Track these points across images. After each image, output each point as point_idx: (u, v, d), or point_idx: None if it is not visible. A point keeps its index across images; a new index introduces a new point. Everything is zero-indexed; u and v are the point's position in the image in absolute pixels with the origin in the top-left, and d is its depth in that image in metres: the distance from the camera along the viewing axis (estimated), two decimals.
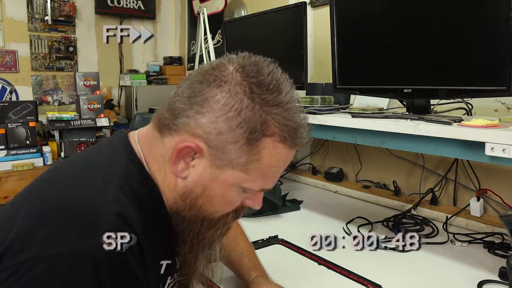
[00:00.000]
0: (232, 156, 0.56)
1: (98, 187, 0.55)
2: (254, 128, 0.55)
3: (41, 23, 2.84)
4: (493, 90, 1.03)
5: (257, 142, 0.56)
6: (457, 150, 1.03)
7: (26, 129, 2.22)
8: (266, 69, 0.59)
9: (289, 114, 0.57)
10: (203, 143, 0.56)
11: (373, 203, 1.63)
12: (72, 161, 0.66)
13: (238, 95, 0.55)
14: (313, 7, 1.98)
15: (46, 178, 0.61)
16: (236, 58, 0.60)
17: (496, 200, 1.34)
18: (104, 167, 0.59)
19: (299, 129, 0.58)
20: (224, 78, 0.57)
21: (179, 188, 0.60)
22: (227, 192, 0.60)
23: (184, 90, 0.59)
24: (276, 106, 0.56)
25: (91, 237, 0.50)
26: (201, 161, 0.58)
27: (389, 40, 1.26)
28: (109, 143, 0.65)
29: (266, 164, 0.58)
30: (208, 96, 0.56)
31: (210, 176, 0.58)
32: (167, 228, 0.64)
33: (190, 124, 0.57)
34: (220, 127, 0.55)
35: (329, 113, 1.37)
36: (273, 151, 0.57)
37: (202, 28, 2.43)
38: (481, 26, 1.03)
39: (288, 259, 1.12)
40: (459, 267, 1.07)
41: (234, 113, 0.55)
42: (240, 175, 0.58)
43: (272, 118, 0.56)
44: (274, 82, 0.58)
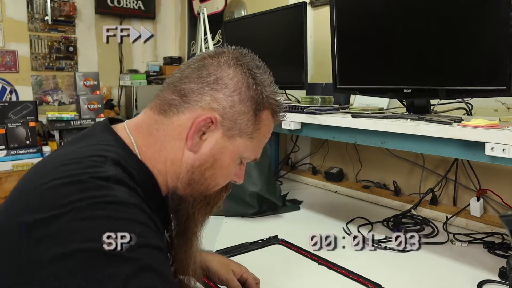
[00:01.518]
0: (242, 125, 0.66)
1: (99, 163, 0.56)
2: (258, 102, 0.67)
3: (41, 23, 2.84)
4: (493, 90, 1.03)
5: (260, 113, 0.67)
6: (457, 150, 1.03)
7: (26, 129, 2.22)
8: (253, 55, 0.70)
9: (275, 93, 0.71)
10: (219, 115, 0.64)
11: (373, 203, 1.63)
12: (59, 153, 0.63)
13: (246, 74, 0.66)
14: (313, 7, 1.98)
15: (41, 166, 0.60)
16: (227, 49, 0.69)
17: (496, 200, 1.34)
18: (97, 151, 0.59)
19: (282, 106, 0.72)
20: (228, 61, 0.66)
21: (188, 162, 0.65)
22: (231, 162, 0.68)
23: (190, 74, 0.66)
24: (267, 86, 0.69)
25: (114, 193, 0.52)
26: (213, 133, 0.65)
27: (389, 40, 1.26)
28: (91, 136, 0.65)
29: (263, 134, 0.70)
30: (222, 75, 0.65)
31: (221, 146, 0.66)
32: (160, 211, 0.66)
33: (206, 100, 0.64)
34: (234, 100, 0.65)
35: (329, 113, 1.37)
36: (268, 122, 0.70)
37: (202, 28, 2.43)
38: (481, 26, 1.03)
39: (288, 259, 1.12)
40: (459, 267, 1.07)
41: (245, 89, 0.65)
42: (246, 143, 0.67)
43: (267, 95, 0.68)
44: (262, 67, 0.70)
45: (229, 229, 1.33)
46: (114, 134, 0.64)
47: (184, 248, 0.71)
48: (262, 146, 0.72)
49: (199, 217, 0.70)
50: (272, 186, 1.51)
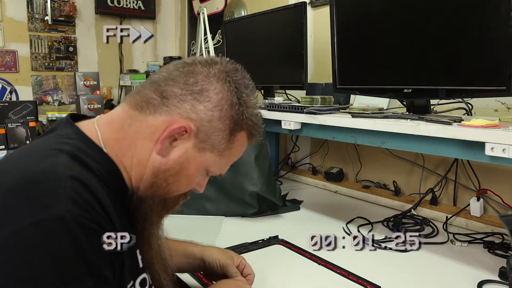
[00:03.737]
0: (215, 142, 0.66)
1: (51, 159, 0.56)
2: (237, 122, 0.66)
3: (41, 23, 2.83)
4: (493, 90, 1.03)
5: (236, 133, 0.67)
6: (457, 150, 1.03)
7: (26, 129, 2.21)
8: (244, 73, 0.69)
9: (257, 116, 0.70)
10: (194, 127, 0.64)
11: (373, 203, 1.63)
12: (18, 151, 0.65)
13: (232, 93, 0.65)
14: (313, 7, 1.98)
15: (3, 163, 0.60)
16: (220, 60, 0.68)
17: (496, 200, 1.34)
18: (53, 145, 0.59)
19: (260, 129, 0.71)
20: (218, 74, 0.65)
21: (154, 164, 0.64)
22: (196, 173, 0.68)
23: (177, 77, 0.65)
24: (251, 107, 0.68)
25: (54, 203, 0.50)
26: (185, 142, 0.64)
27: (389, 40, 1.26)
28: (53, 132, 0.65)
29: (234, 153, 0.69)
30: (208, 87, 0.64)
31: (190, 156, 0.65)
32: (126, 204, 0.65)
33: (186, 108, 0.63)
34: (213, 115, 0.64)
35: (329, 113, 1.37)
36: (241, 143, 0.69)
37: (202, 28, 2.43)
38: (481, 26, 1.03)
39: (288, 259, 1.12)
40: (459, 267, 1.07)
41: (228, 107, 0.65)
42: (216, 159, 0.67)
43: (247, 117, 0.67)
44: (251, 86, 0.69)
45: (229, 229, 1.33)
46: (75, 128, 0.64)
47: (145, 247, 0.69)
48: (230, 163, 0.71)
49: (155, 219, 0.69)
50: (272, 186, 1.51)
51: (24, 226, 0.48)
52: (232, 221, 1.41)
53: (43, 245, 0.48)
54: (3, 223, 0.49)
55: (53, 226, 0.49)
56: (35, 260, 0.47)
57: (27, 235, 0.48)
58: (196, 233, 1.06)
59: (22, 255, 0.47)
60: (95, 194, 0.55)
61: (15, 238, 0.48)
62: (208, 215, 1.44)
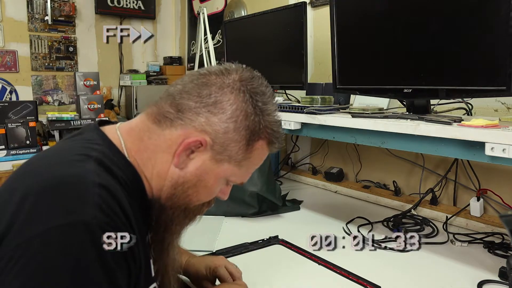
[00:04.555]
0: (232, 152, 0.65)
1: (80, 164, 0.57)
2: (254, 131, 0.66)
3: (41, 23, 2.84)
4: (493, 90, 1.03)
5: (254, 142, 0.67)
6: (457, 150, 1.03)
7: (26, 129, 2.21)
8: (261, 81, 0.69)
9: (276, 122, 0.69)
10: (210, 139, 0.64)
11: (373, 203, 1.63)
12: (46, 152, 0.66)
13: (247, 103, 0.65)
14: (313, 7, 1.98)
15: (27, 166, 0.61)
16: (236, 68, 0.68)
17: (496, 200, 1.34)
18: (80, 150, 0.60)
19: (280, 136, 0.70)
20: (232, 84, 0.65)
21: (172, 177, 0.65)
22: (215, 183, 0.68)
23: (191, 90, 0.65)
24: (269, 115, 0.67)
25: (82, 208, 0.51)
26: (201, 154, 0.65)
27: (389, 40, 1.26)
28: (80, 135, 0.67)
29: (253, 162, 0.69)
30: (222, 99, 0.64)
31: (207, 168, 0.65)
32: (146, 211, 0.66)
33: (200, 121, 0.64)
34: (229, 127, 0.64)
35: (329, 113, 1.37)
36: (261, 151, 0.69)
37: (202, 28, 2.43)
38: (481, 26, 1.03)
39: (288, 259, 1.12)
40: (459, 267, 1.07)
41: (243, 118, 0.65)
42: (234, 169, 0.67)
43: (266, 125, 0.67)
44: (268, 93, 0.68)
45: (229, 229, 1.33)
46: (101, 133, 0.65)
47: (161, 256, 0.70)
48: (251, 172, 0.71)
49: (177, 228, 0.70)
50: (272, 186, 1.51)
51: (50, 227, 0.49)
52: (232, 221, 1.41)
53: (66, 248, 0.49)
54: (30, 223, 0.50)
55: (78, 231, 0.50)
56: (57, 262, 0.48)
57: (52, 237, 0.49)
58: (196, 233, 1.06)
59: (44, 256, 0.48)
60: (120, 202, 0.56)
61: (40, 239, 0.48)
62: (208, 215, 1.44)
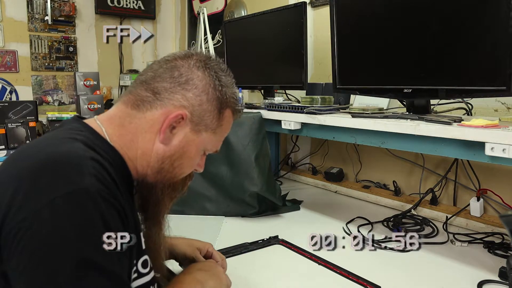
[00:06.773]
0: (208, 121, 0.74)
1: (69, 143, 0.63)
2: (222, 101, 0.75)
3: (41, 23, 2.83)
4: (493, 90, 1.03)
5: (223, 111, 0.76)
6: (457, 150, 1.03)
7: (26, 129, 2.21)
8: (218, 59, 0.78)
9: (236, 94, 0.79)
10: (188, 113, 0.71)
11: (373, 203, 1.63)
12: (33, 142, 0.70)
13: (213, 77, 0.74)
14: (313, 7, 1.98)
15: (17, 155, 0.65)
16: (194, 52, 0.77)
17: (496, 200, 1.34)
18: (66, 135, 0.65)
19: (239, 106, 0.81)
20: (197, 64, 0.74)
21: (158, 153, 0.71)
22: (197, 153, 0.76)
23: (163, 73, 0.73)
24: (229, 87, 0.77)
25: (80, 178, 0.56)
26: (183, 128, 0.72)
27: (389, 40, 1.26)
28: (61, 127, 0.72)
29: (224, 129, 0.78)
30: (192, 77, 0.73)
31: (189, 139, 0.73)
32: (131, 191, 0.72)
33: (177, 98, 0.71)
34: (202, 99, 0.73)
35: (329, 113, 1.37)
36: (229, 119, 0.78)
37: (202, 28, 2.43)
38: (481, 26, 1.03)
39: (288, 259, 1.12)
40: (459, 267, 1.07)
41: (212, 90, 0.74)
42: (211, 137, 0.76)
43: (230, 95, 0.77)
44: (225, 70, 0.78)
45: (229, 229, 1.33)
46: (83, 123, 0.70)
47: (156, 230, 0.76)
48: (222, 139, 0.80)
49: (167, 201, 0.76)
50: (272, 186, 1.51)
51: (55, 197, 0.54)
52: (232, 221, 1.41)
53: (74, 214, 0.54)
54: (36, 196, 0.54)
55: (81, 197, 0.55)
56: (66, 227, 0.53)
57: (58, 205, 0.53)
58: (196, 233, 1.06)
59: (54, 224, 0.53)
60: (110, 174, 0.61)
61: (48, 209, 0.53)
62: (208, 215, 1.44)
